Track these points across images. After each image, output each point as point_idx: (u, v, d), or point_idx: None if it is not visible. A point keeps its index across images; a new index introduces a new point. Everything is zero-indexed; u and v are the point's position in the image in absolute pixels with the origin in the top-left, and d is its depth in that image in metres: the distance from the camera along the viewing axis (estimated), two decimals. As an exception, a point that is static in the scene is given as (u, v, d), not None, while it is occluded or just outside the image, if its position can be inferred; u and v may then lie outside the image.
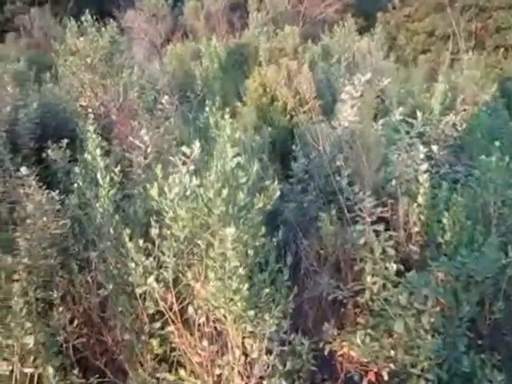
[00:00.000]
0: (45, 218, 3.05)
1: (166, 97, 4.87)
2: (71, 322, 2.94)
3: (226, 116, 4.42)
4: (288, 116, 6.44)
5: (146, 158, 3.13)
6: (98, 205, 2.66)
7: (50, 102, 5.40)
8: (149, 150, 3.13)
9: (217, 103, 4.42)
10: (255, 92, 6.51)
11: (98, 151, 2.71)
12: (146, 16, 16.57)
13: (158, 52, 12.38)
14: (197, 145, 2.81)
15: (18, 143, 4.56)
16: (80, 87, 5.27)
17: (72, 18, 5.32)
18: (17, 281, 2.86)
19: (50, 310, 2.90)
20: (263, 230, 2.59)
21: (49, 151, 4.28)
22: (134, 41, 13.11)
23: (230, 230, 2.32)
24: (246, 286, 2.50)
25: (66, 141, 4.44)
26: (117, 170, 2.77)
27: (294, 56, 8.68)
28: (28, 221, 3.09)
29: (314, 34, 11.63)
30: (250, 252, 2.56)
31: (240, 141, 4.56)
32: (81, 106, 5.21)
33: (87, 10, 5.05)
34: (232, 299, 2.52)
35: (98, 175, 2.68)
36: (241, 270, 2.47)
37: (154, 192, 2.48)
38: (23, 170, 3.04)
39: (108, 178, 2.66)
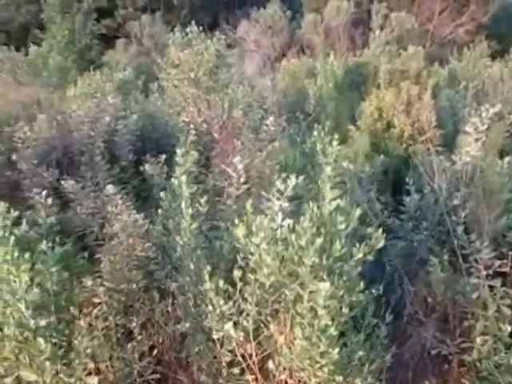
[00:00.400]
0: (131, 240, 3.05)
1: (272, 118, 4.77)
2: (147, 354, 2.89)
3: (335, 143, 4.27)
4: (404, 144, 6.12)
5: (238, 189, 3.02)
6: (178, 237, 2.58)
7: (153, 114, 5.56)
8: (242, 179, 3.01)
9: (327, 127, 4.26)
10: (370, 116, 6.26)
11: (184, 178, 2.63)
12: (262, 28, 16.93)
13: (272, 67, 12.51)
14: (293, 180, 2.63)
15: (117, 154, 4.71)
16: (183, 101, 5.36)
17: (183, 27, 5.46)
18: (97, 304, 2.88)
19: (127, 339, 2.88)
20: (362, 284, 2.35)
21: (146, 166, 4.36)
22: (247, 53, 13.38)
23: (324, 285, 2.11)
24: (337, 349, 2.27)
25: (164, 156, 4.51)
26: (203, 200, 2.68)
27: (417, 80, 8.30)
28: (113, 241, 3.11)
29: (442, 55, 11.12)
30: (345, 309, 2.33)
31: (347, 170, 4.36)
32: (183, 121, 5.29)
33: (193, 21, 5.12)
34: (319, 362, 2.30)
35: (183, 205, 2.60)
36: (332, 330, 2.25)
37: (240, 231, 2.34)
38: (110, 188, 3.06)
39: (192, 209, 2.57)
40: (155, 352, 2.98)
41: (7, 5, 24.80)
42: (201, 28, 5.35)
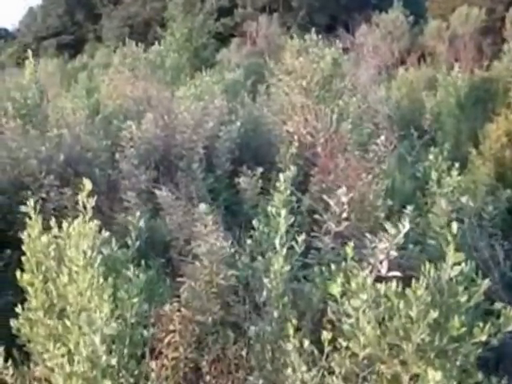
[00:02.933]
0: (215, 265, 2.79)
1: (383, 137, 4.30)
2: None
3: (454, 172, 3.71)
4: (537, 178, 5.34)
5: (338, 225, 2.63)
6: (266, 280, 2.23)
7: (257, 120, 5.31)
8: (344, 214, 2.62)
9: (445, 151, 3.73)
10: (497, 142, 5.53)
11: (284, 212, 2.25)
12: (382, 32, 16.20)
13: (388, 74, 11.84)
14: (406, 225, 2.19)
15: (214, 163, 4.50)
16: (291, 110, 5.05)
17: (299, 28, 5.16)
18: (171, 332, 2.65)
19: (194, 375, 2.63)
20: (479, 376, 1.87)
21: (241, 179, 4.11)
22: (363, 59, 12.80)
23: (433, 374, 1.67)
24: None
25: (260, 169, 4.24)
26: (301, 239, 2.31)
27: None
28: (196, 262, 2.87)
29: None
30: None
31: (467, 207, 3.76)
32: (287, 131, 4.98)
33: (311, 24, 4.79)
34: None
35: (277, 241, 2.26)
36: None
37: (334, 289, 1.96)
38: (202, 207, 2.81)
39: (285, 249, 2.22)
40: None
41: (135, 0, 26.19)
42: (318, 29, 5.03)
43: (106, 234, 2.14)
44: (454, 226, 1.99)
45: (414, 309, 1.78)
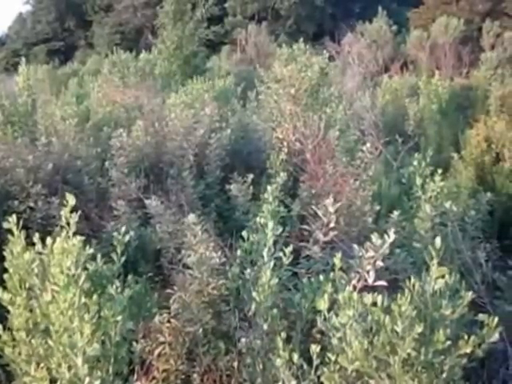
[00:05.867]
0: (205, 274, 2.68)
1: (369, 143, 4.23)
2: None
3: (437, 178, 3.64)
4: (515, 182, 5.31)
5: (326, 235, 2.54)
6: (254, 293, 2.12)
7: (247, 127, 5.21)
8: (331, 224, 2.52)
9: (428, 157, 3.67)
10: (477, 147, 5.49)
11: (271, 224, 2.15)
12: (366, 41, 16.20)
13: (373, 81, 11.80)
14: (391, 236, 2.10)
15: (204, 169, 4.39)
16: (280, 117, 4.96)
17: (288, 36, 5.10)
18: (161, 343, 2.53)
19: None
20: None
21: (232, 186, 4.01)
22: (348, 66, 12.76)
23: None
24: None
25: (251, 176, 4.14)
26: (288, 250, 2.21)
27: (534, 107, 7.32)
28: (187, 272, 2.75)
29: None
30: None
31: (449, 212, 3.70)
32: (277, 137, 4.88)
33: (301, 39, 4.73)
34: None
35: (264, 253, 2.16)
36: None
37: (321, 305, 1.86)
38: (191, 218, 2.69)
39: (274, 259, 2.11)
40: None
41: (126, 7, 25.91)
42: (305, 37, 4.95)
43: (90, 250, 2.00)
44: (438, 241, 1.92)
45: (399, 324, 1.70)
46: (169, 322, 2.60)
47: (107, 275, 2.11)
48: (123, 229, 2.24)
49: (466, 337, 1.84)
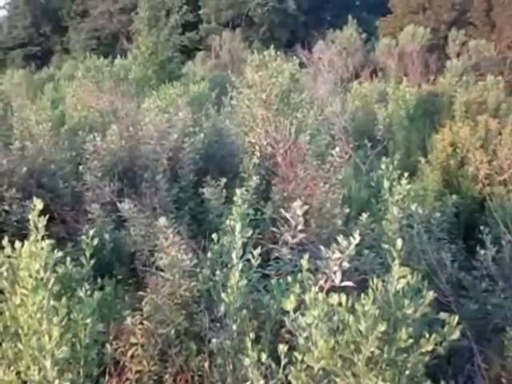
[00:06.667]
0: (177, 276, 2.68)
1: (338, 149, 4.30)
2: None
3: (403, 181, 3.72)
4: (479, 185, 5.44)
5: (294, 237, 2.57)
6: (224, 294, 2.15)
7: (220, 131, 5.24)
8: (299, 226, 2.56)
9: (396, 160, 3.75)
10: (443, 152, 5.62)
11: (239, 227, 2.18)
12: (337, 48, 16.40)
13: (343, 88, 11.96)
14: (357, 237, 2.14)
15: (178, 173, 4.39)
16: (252, 122, 4.99)
17: (261, 43, 5.14)
18: (134, 345, 2.52)
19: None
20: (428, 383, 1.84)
21: (205, 189, 4.02)
22: (320, 72, 12.90)
23: (382, 384, 1.63)
24: None
25: (224, 180, 4.16)
26: (257, 252, 2.24)
27: (496, 113, 7.53)
28: (159, 274, 2.75)
29: (523, 87, 10.17)
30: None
31: (415, 214, 3.79)
32: (249, 142, 4.91)
33: (272, 46, 4.77)
34: None
35: (233, 255, 2.19)
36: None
37: (288, 305, 1.90)
38: (162, 221, 2.70)
39: (243, 261, 2.14)
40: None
41: (102, 13, 25.65)
42: (278, 44, 4.99)
43: (59, 253, 1.99)
44: (399, 242, 1.98)
45: (363, 323, 1.74)
46: (141, 323, 2.60)
47: (77, 278, 2.10)
48: (91, 232, 2.24)
49: (427, 335, 1.87)
